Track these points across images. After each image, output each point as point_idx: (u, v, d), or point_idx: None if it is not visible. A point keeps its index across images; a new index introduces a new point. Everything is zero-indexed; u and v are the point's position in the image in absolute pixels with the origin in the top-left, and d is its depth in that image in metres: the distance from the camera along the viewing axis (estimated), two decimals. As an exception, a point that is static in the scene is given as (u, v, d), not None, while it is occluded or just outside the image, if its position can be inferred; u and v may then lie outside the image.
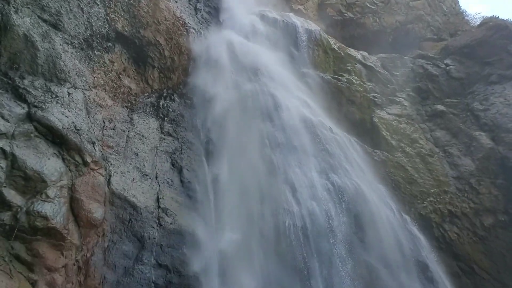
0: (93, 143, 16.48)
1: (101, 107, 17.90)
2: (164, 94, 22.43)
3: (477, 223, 28.34)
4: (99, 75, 18.37)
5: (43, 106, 15.00)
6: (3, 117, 13.68)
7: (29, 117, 14.50)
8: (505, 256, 27.51)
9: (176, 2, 24.97)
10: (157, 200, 18.48)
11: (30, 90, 14.98)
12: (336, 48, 33.30)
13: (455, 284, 26.35)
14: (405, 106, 32.47)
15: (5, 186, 12.92)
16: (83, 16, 18.11)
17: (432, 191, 28.89)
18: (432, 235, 27.76)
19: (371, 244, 24.74)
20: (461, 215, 28.42)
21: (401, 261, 25.26)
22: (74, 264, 14.66)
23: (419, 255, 26.24)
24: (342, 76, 31.66)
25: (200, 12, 26.98)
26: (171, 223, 18.15)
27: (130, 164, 18.37)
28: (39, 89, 15.27)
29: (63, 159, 14.99)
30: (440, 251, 27.40)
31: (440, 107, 32.07)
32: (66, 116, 15.58)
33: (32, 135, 14.24)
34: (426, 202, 28.45)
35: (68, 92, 16.29)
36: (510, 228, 28.58)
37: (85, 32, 18.22)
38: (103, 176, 16.50)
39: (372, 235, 24.45)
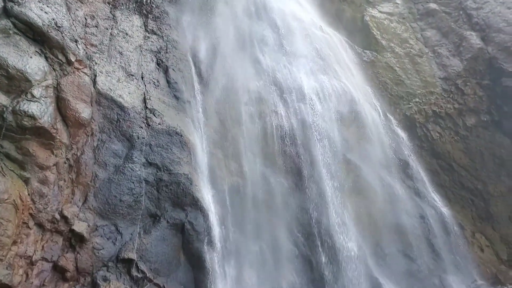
0: (76, 41, 16.04)
1: (82, 3, 17.12)
2: (146, -11, 21.37)
3: (459, 123, 29.28)
4: (75, -33, 17.28)
5: (19, 0, 14.29)
6: (-24, 12, 13.09)
7: (6, 13, 13.88)
8: (484, 154, 28.89)
9: None
10: (144, 100, 18.51)
11: (3, -18, 14.14)
12: None
13: (433, 181, 27.93)
14: (397, 4, 31.65)
15: (-13, 86, 12.78)
16: None
17: (419, 92, 29.34)
18: (415, 135, 28.76)
19: (355, 143, 25.65)
20: (445, 115, 29.21)
21: (383, 159, 26.44)
22: (65, 163, 15.05)
23: (401, 153, 27.41)
24: (334, -30, 30.26)
25: None
26: (159, 123, 18.39)
27: (115, 63, 18.08)
28: (12, -18, 14.43)
29: (46, 58, 14.67)
30: (422, 150, 28.60)
31: (433, 5, 31.33)
32: (46, 12, 14.94)
33: (10, 31, 13.75)
34: (412, 103, 29.00)
35: (44, -14, 15.45)
36: (491, 128, 29.67)
37: None
38: (88, 75, 16.31)
39: (356, 135, 25.27)
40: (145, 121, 18.07)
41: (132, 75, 18.52)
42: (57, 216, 14.35)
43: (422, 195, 26.62)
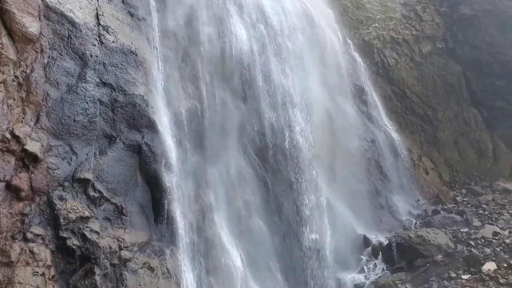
0: None
1: None
2: None
3: (416, 50, 30.04)
4: None
5: None
6: None
7: None
8: (436, 81, 30.12)
9: None
10: (97, 16, 17.69)
11: None
12: None
13: (387, 107, 29.09)
14: None
15: None
16: None
17: (378, 17, 29.52)
18: (372, 61, 29.38)
19: (313, 67, 25.94)
20: (402, 41, 29.81)
21: (340, 84, 27.06)
22: (13, 80, 14.52)
23: (358, 79, 28.10)
24: None
25: None
26: (113, 41, 17.78)
27: (63, -26, 16.92)
28: None
29: (-15, -36, 13.56)
30: (378, 76, 29.40)
31: None
32: None
33: None
34: (371, 28, 29.25)
35: None
36: (445, 55, 30.71)
37: None
38: (33, -14, 15.26)
39: (315, 57, 25.52)
40: (98, 39, 17.41)
41: (83, -12, 17.47)
42: (8, 135, 14.08)
43: (375, 121, 27.83)
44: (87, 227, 15.31)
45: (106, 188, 16.49)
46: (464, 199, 25.05)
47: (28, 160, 14.63)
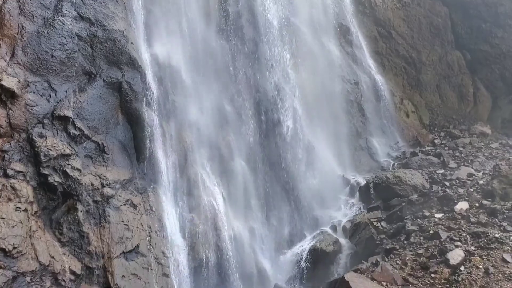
0: None
1: None
2: None
3: (403, -12, 29.58)
4: None
5: None
6: None
7: None
8: (422, 23, 29.94)
9: None
10: None
11: None
12: None
13: (371, 48, 28.98)
14: None
15: None
16: None
17: (367, -45, 28.71)
18: (358, 0, 28.85)
19: (300, 6, 25.48)
20: (390, -20, 29.24)
21: (326, 24, 26.72)
22: (-15, 12, 13.99)
23: (344, 19, 27.73)
24: None
25: None
26: (89, -28, 17.06)
27: None
28: None
29: None
30: (364, 16, 29.02)
31: None
32: None
33: None
34: (359, -34, 28.49)
35: None
36: (433, -5, 30.31)
37: None
38: None
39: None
40: (74, -31, 16.68)
41: None
42: (-18, 71, 13.81)
43: (359, 62, 27.80)
44: (69, 164, 15.44)
45: (86, 126, 16.47)
46: (442, 142, 25.75)
47: (5, 96, 14.44)
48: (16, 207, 13.65)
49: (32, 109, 15.16)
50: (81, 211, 15.38)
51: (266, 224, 21.65)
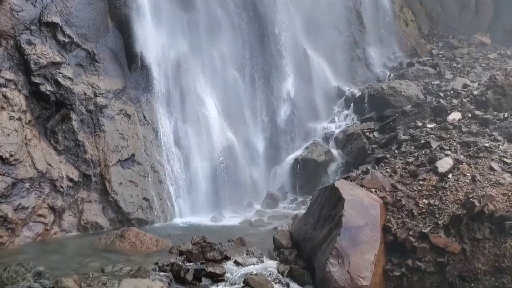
0: None
1: None
2: None
3: None
4: None
5: None
6: None
7: None
8: None
9: None
10: None
11: None
12: None
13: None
14: None
15: None
16: None
17: None
18: None
19: None
20: None
21: None
22: None
23: None
24: None
25: None
26: None
27: None
28: None
29: None
30: None
31: None
32: None
33: None
34: None
35: None
36: None
37: None
38: None
39: None
40: None
41: None
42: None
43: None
44: (60, 73, 15.28)
45: (76, 33, 16.06)
46: (440, 52, 25.39)
47: (-12, 1, 13.86)
48: (10, 116, 13.71)
49: (18, 14, 14.67)
50: (75, 120, 15.50)
51: (260, 134, 22.00)
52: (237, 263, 10.47)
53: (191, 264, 10.03)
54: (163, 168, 17.53)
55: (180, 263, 9.74)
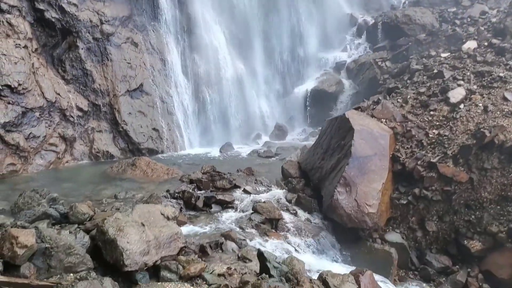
0: None
1: None
2: None
3: None
4: None
5: None
6: None
7: None
8: None
9: None
10: None
11: None
12: None
13: None
14: None
15: None
16: None
17: None
18: None
19: None
20: None
21: None
22: None
23: None
24: None
25: None
26: None
27: None
28: None
29: None
30: None
31: None
32: None
33: None
34: None
35: None
36: None
37: None
38: None
39: None
40: None
41: None
42: None
43: None
44: (64, -1, 14.86)
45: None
46: (459, -23, 24.15)
47: None
48: (16, 44, 13.50)
49: None
50: (82, 49, 15.28)
51: (269, 65, 21.65)
52: (246, 192, 10.70)
53: (202, 192, 10.28)
54: (172, 98, 17.49)
55: (190, 190, 9.98)
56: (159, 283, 4.95)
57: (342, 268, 7.87)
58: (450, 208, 9.52)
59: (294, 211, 10.03)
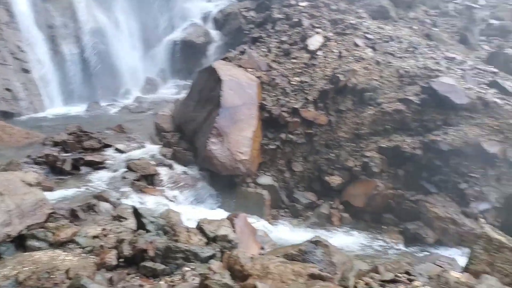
0: None
1: None
2: None
3: None
4: None
5: None
6: None
7: None
8: None
9: None
10: None
11: None
12: None
13: None
14: None
15: None
16: None
17: None
18: None
19: None
20: None
21: None
22: None
23: None
24: None
25: None
26: None
27: None
28: None
29: None
30: None
31: None
32: None
33: None
34: None
35: None
36: None
37: None
38: None
39: None
40: None
41: None
42: None
43: None
44: None
45: None
46: None
47: None
48: None
49: None
50: None
51: (134, 15, 20.55)
52: (118, 150, 10.38)
53: (69, 154, 9.72)
54: (26, 54, 15.82)
55: (55, 153, 9.38)
56: (26, 253, 4.69)
57: (220, 215, 8.20)
58: (313, 149, 10.35)
59: (170, 165, 10.05)
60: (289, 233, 9.43)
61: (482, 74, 11.17)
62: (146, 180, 9.19)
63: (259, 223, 8.80)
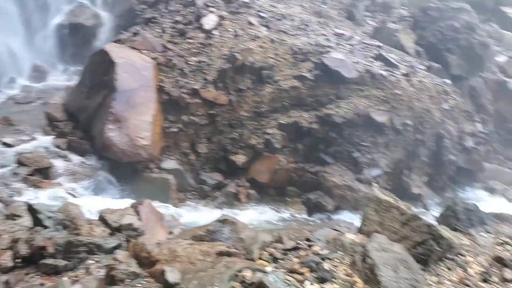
0: None
1: None
2: None
3: None
4: None
5: None
6: None
7: None
8: None
9: None
10: None
11: None
12: None
13: None
14: None
15: None
16: None
17: None
18: None
19: None
20: None
21: None
22: None
23: None
24: None
25: None
26: None
27: None
28: None
29: None
30: None
31: None
32: None
33: None
34: None
35: None
36: None
37: None
38: None
39: None
40: None
41: None
42: None
43: None
44: None
45: None
46: None
47: None
48: None
49: None
50: None
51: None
52: (6, 144, 9.63)
53: None
54: None
55: None
56: None
57: (124, 204, 7.98)
58: (216, 129, 10.38)
59: (66, 156, 9.55)
60: (198, 215, 9.44)
61: (368, 48, 11.96)
62: (41, 174, 8.68)
63: (166, 208, 8.71)
